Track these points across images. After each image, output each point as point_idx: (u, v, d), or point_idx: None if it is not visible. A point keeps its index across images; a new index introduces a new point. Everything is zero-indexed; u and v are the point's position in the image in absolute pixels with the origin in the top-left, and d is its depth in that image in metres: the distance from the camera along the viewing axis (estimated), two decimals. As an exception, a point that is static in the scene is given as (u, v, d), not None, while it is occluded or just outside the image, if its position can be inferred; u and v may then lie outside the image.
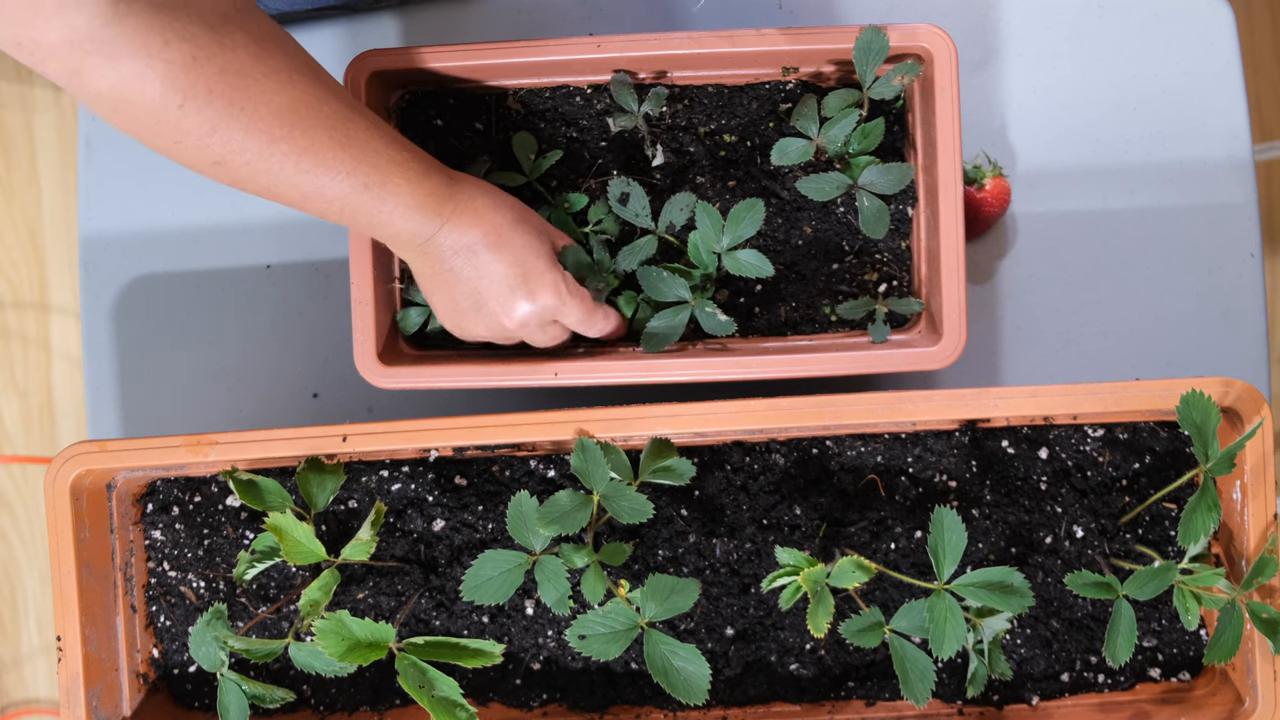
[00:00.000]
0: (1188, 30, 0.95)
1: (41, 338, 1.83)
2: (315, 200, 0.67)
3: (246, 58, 0.61)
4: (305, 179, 0.65)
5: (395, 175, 0.69)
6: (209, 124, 0.60)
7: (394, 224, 0.71)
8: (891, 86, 0.81)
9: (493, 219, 0.74)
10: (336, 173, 0.66)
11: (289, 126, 0.63)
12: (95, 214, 0.98)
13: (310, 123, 0.64)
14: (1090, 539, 0.80)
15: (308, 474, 0.78)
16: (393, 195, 0.69)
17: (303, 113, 0.64)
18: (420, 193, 0.70)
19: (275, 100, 0.62)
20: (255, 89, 0.61)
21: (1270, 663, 0.76)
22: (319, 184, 0.66)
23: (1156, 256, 0.94)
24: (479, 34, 0.97)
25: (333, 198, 0.67)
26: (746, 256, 0.81)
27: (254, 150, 0.63)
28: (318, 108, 0.65)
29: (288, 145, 0.63)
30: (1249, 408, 0.75)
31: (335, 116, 0.66)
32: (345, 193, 0.67)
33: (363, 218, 0.70)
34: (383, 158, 0.68)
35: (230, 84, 0.60)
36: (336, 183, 0.67)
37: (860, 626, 0.73)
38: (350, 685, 0.83)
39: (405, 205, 0.70)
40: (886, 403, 0.77)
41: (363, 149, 0.67)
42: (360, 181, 0.67)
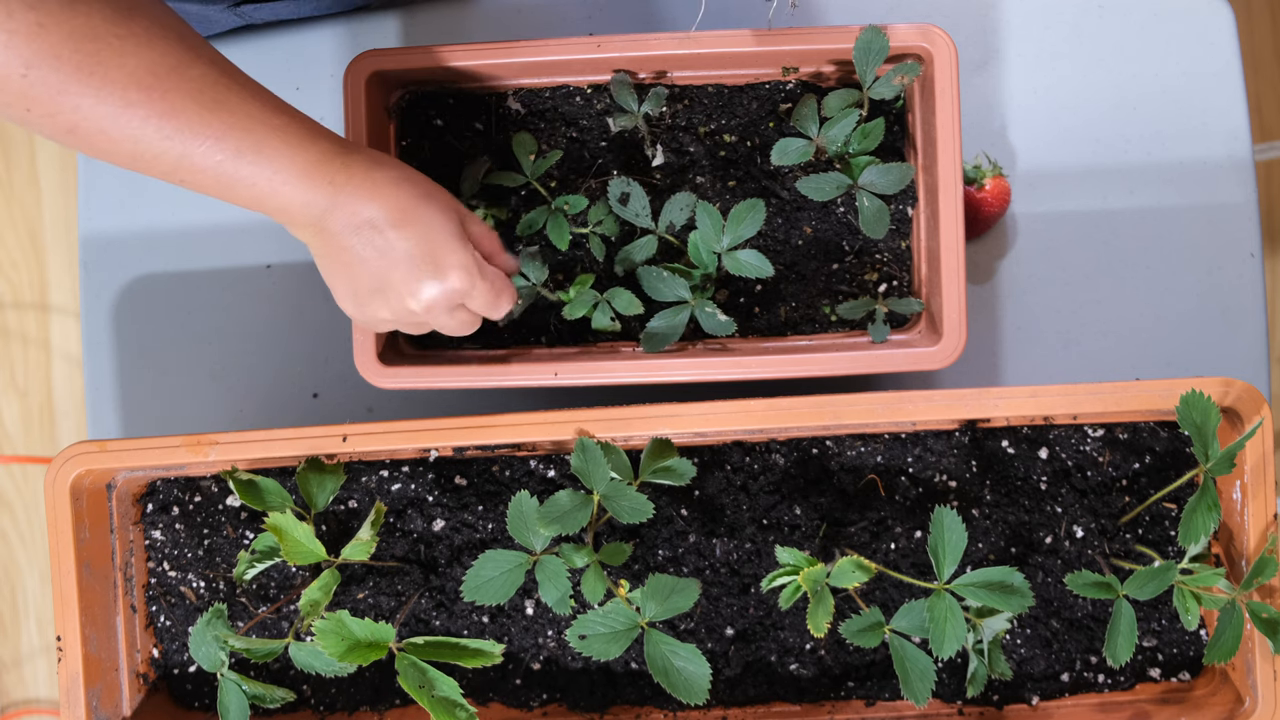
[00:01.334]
0: (1188, 30, 0.95)
1: (41, 338, 1.83)
2: (186, 170, 0.63)
3: (101, 22, 0.58)
4: (169, 145, 0.62)
5: (273, 140, 0.65)
6: (55, 89, 0.58)
7: (278, 195, 0.66)
8: (891, 86, 0.81)
9: (394, 193, 0.68)
10: (205, 139, 0.62)
11: (146, 89, 0.60)
12: (95, 214, 0.98)
13: (172, 85, 0.61)
14: (1090, 539, 0.80)
15: (308, 474, 0.78)
16: (270, 163, 0.65)
17: (163, 75, 0.60)
18: (303, 160, 0.66)
19: (130, 62, 0.59)
20: (108, 52, 0.58)
21: (1270, 663, 0.76)
22: (186, 150, 0.62)
23: (1156, 256, 0.94)
24: (479, 34, 0.97)
25: (204, 166, 0.63)
26: (746, 256, 0.81)
27: (107, 115, 0.60)
28: (182, 70, 0.61)
29: (146, 109, 0.60)
30: (1249, 408, 0.75)
31: (203, 80, 0.62)
32: (217, 160, 0.63)
33: (242, 191, 0.65)
34: (257, 122, 0.64)
35: (79, 48, 0.58)
36: (206, 150, 0.63)
37: (860, 626, 0.73)
38: (350, 685, 0.83)
39: (286, 174, 0.65)
40: (886, 403, 0.77)
41: (234, 113, 0.63)
42: (232, 147, 0.63)
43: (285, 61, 0.97)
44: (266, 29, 0.98)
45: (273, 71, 0.97)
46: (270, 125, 0.65)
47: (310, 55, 0.97)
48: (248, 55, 0.97)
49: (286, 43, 0.98)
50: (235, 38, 0.97)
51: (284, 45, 0.97)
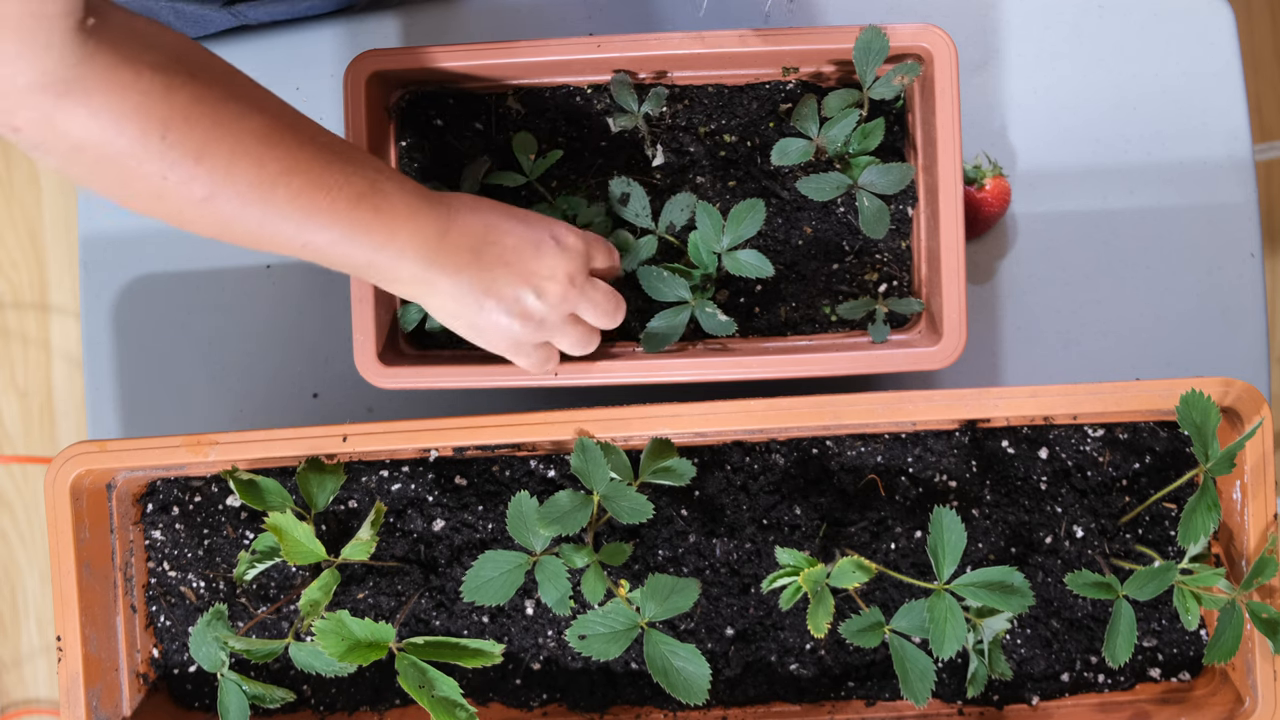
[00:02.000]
0: (1188, 30, 0.95)
1: (41, 338, 1.83)
2: (308, 251, 0.65)
3: (216, 85, 0.59)
4: (299, 203, 0.63)
5: (349, 246, 0.66)
6: (194, 152, 0.58)
7: (371, 279, 0.70)
8: (891, 86, 0.81)
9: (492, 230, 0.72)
10: (284, 236, 0.64)
11: (272, 146, 0.61)
12: (95, 214, 0.98)
13: (292, 142, 0.62)
14: (1090, 539, 0.80)
15: (308, 474, 0.78)
16: (351, 261, 0.67)
17: (281, 134, 0.62)
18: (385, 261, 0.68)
19: (251, 124, 0.60)
20: (227, 114, 0.59)
21: (1270, 663, 0.76)
22: (271, 244, 0.64)
23: (1156, 256, 0.94)
24: (479, 34, 0.97)
25: (291, 252, 0.65)
26: (746, 256, 0.81)
27: (242, 177, 0.60)
28: (292, 129, 0.63)
29: (277, 165, 0.61)
30: (1249, 408, 0.75)
31: (314, 139, 0.64)
32: (296, 251, 0.65)
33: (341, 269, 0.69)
34: (372, 169, 0.66)
35: (204, 111, 0.58)
36: (286, 245, 0.64)
37: (860, 626, 0.73)
38: (350, 685, 0.83)
39: (372, 270, 0.69)
40: (886, 403, 0.77)
41: (351, 161, 0.65)
42: (355, 192, 0.65)
43: (285, 61, 0.97)
44: (266, 29, 0.98)
45: (273, 71, 0.97)
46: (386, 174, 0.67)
47: (310, 55, 0.97)
48: (248, 55, 0.97)
49: (286, 43, 0.97)
50: (235, 38, 0.97)
51: (284, 45, 0.97)
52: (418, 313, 0.85)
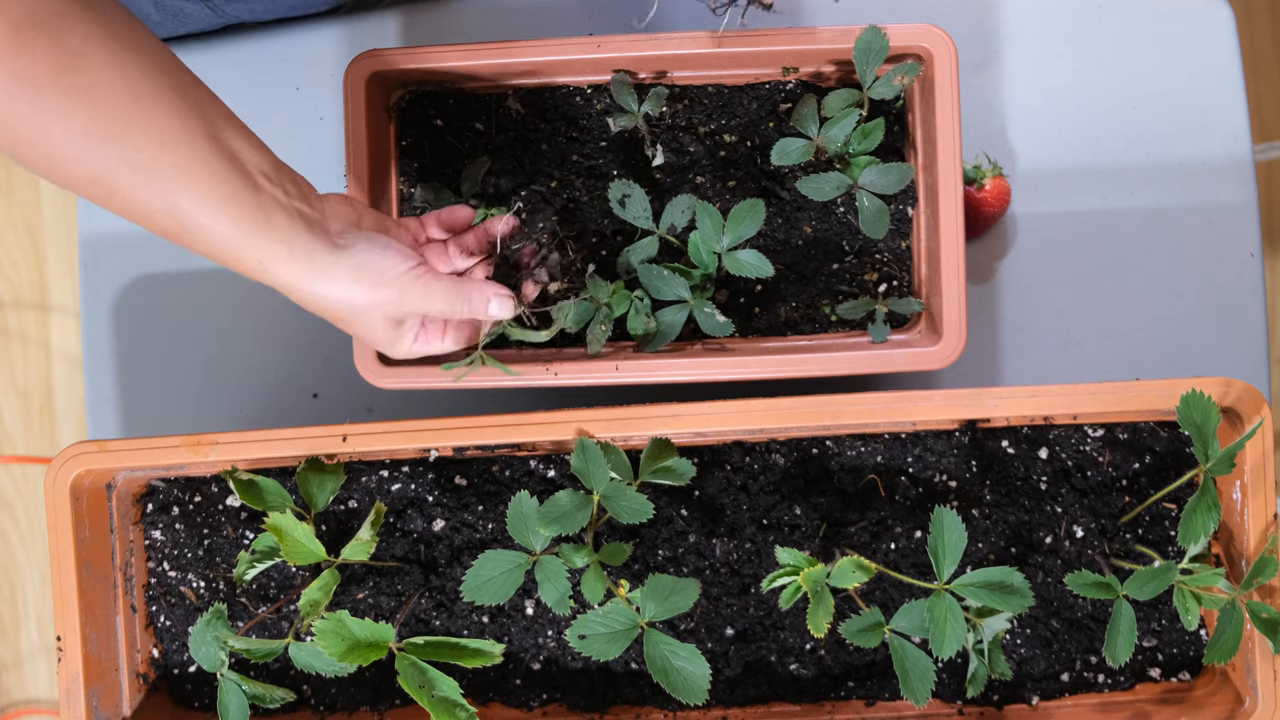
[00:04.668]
0: (1188, 30, 0.95)
1: (41, 338, 1.83)
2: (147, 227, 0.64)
3: (44, 69, 0.56)
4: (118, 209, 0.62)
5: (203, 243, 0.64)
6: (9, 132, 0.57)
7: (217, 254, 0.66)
8: (891, 86, 0.81)
9: (311, 303, 0.68)
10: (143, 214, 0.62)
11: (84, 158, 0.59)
12: (95, 214, 0.98)
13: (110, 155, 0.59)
14: (1090, 539, 0.80)
15: (308, 474, 0.78)
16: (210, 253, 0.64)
17: (102, 137, 0.59)
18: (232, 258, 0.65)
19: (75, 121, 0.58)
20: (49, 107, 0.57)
21: (1270, 663, 0.76)
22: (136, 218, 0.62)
23: (1156, 256, 0.94)
24: (479, 34, 0.97)
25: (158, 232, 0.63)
26: (746, 256, 0.81)
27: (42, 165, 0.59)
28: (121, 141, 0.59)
29: (85, 174, 0.59)
30: (1249, 408, 0.75)
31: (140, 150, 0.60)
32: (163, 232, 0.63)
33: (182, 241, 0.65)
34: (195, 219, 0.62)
35: (15, 92, 0.56)
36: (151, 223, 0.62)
37: (860, 626, 0.73)
38: (350, 685, 0.83)
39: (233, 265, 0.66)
40: (886, 403, 0.77)
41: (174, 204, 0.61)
42: (166, 230, 0.63)
43: (285, 62, 0.97)
44: (266, 29, 0.98)
45: (273, 71, 0.97)
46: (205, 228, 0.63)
47: (310, 55, 0.97)
48: (247, 56, 0.97)
49: (286, 43, 0.98)
50: (234, 39, 0.97)
51: (283, 45, 0.97)
52: (418, 313, 0.85)
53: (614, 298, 0.82)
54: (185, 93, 0.62)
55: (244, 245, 0.64)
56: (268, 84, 0.97)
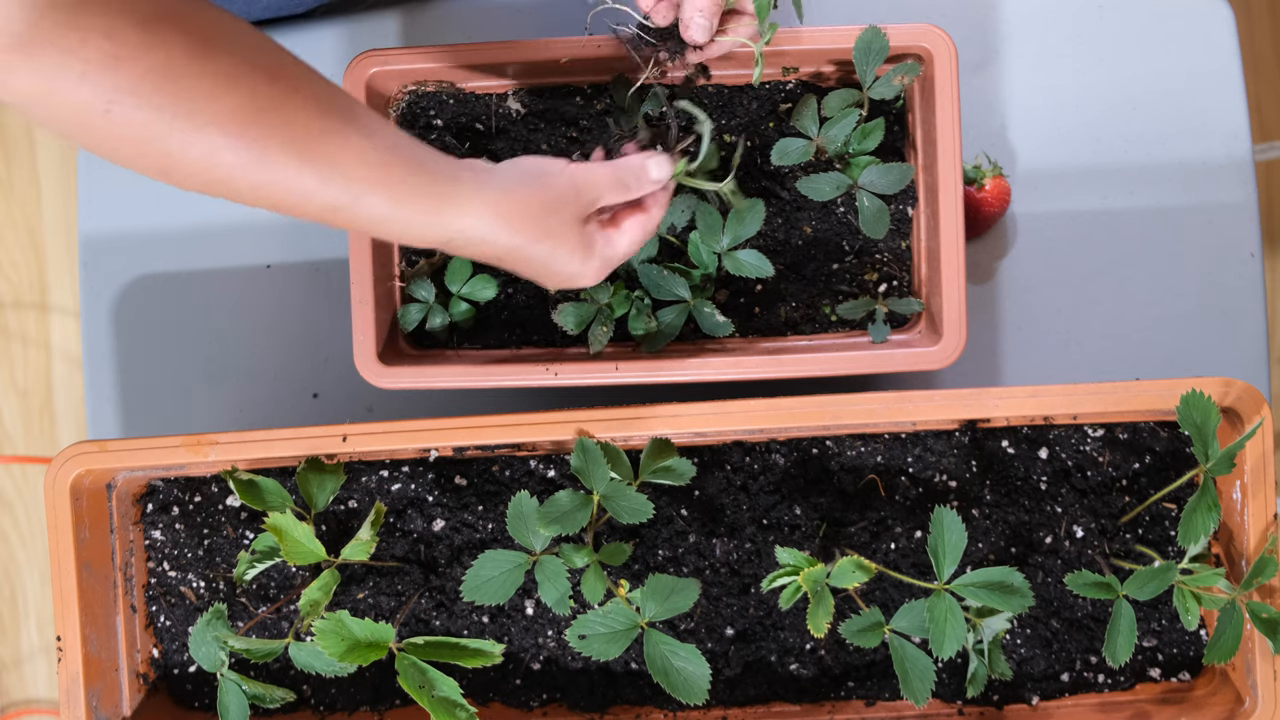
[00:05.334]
0: (1188, 30, 0.95)
1: (41, 338, 1.83)
2: (290, 212, 0.61)
3: (181, 58, 0.54)
4: (264, 194, 0.59)
5: (371, 193, 0.62)
6: (139, 131, 0.55)
7: (389, 234, 0.65)
8: (891, 86, 0.81)
9: (504, 234, 0.66)
10: (299, 190, 0.59)
11: (234, 136, 0.56)
12: (95, 214, 0.98)
13: (261, 131, 0.57)
14: (1090, 539, 0.80)
15: (308, 474, 0.78)
16: (373, 217, 0.62)
17: (250, 120, 0.57)
18: (406, 212, 0.63)
19: (214, 106, 0.56)
20: (190, 93, 0.55)
21: (1270, 663, 0.76)
22: (283, 199, 0.59)
23: (1156, 256, 0.94)
24: (479, 34, 0.97)
25: (308, 214, 0.61)
26: (746, 256, 0.81)
27: (198, 160, 0.56)
28: (272, 113, 0.58)
29: (234, 157, 0.57)
30: (1249, 408, 0.75)
31: (294, 123, 0.59)
32: (318, 211, 0.61)
33: (354, 228, 0.64)
34: (356, 171, 0.61)
35: (158, 87, 0.54)
36: (305, 199, 0.60)
37: (860, 626, 0.73)
38: (350, 685, 0.83)
39: (393, 223, 0.63)
40: (886, 403, 0.77)
41: (331, 163, 0.60)
42: (329, 200, 0.60)
43: (285, 61, 0.97)
44: (266, 29, 0.98)
45: (273, 71, 0.97)
46: (369, 178, 0.61)
47: (310, 55, 0.96)
48: (248, 55, 0.97)
49: (286, 43, 0.97)
50: (235, 38, 0.97)
51: (284, 45, 0.97)
52: (418, 312, 0.85)
53: (614, 298, 0.82)
54: (316, 75, 0.62)
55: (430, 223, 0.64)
56: (268, 84, 0.97)
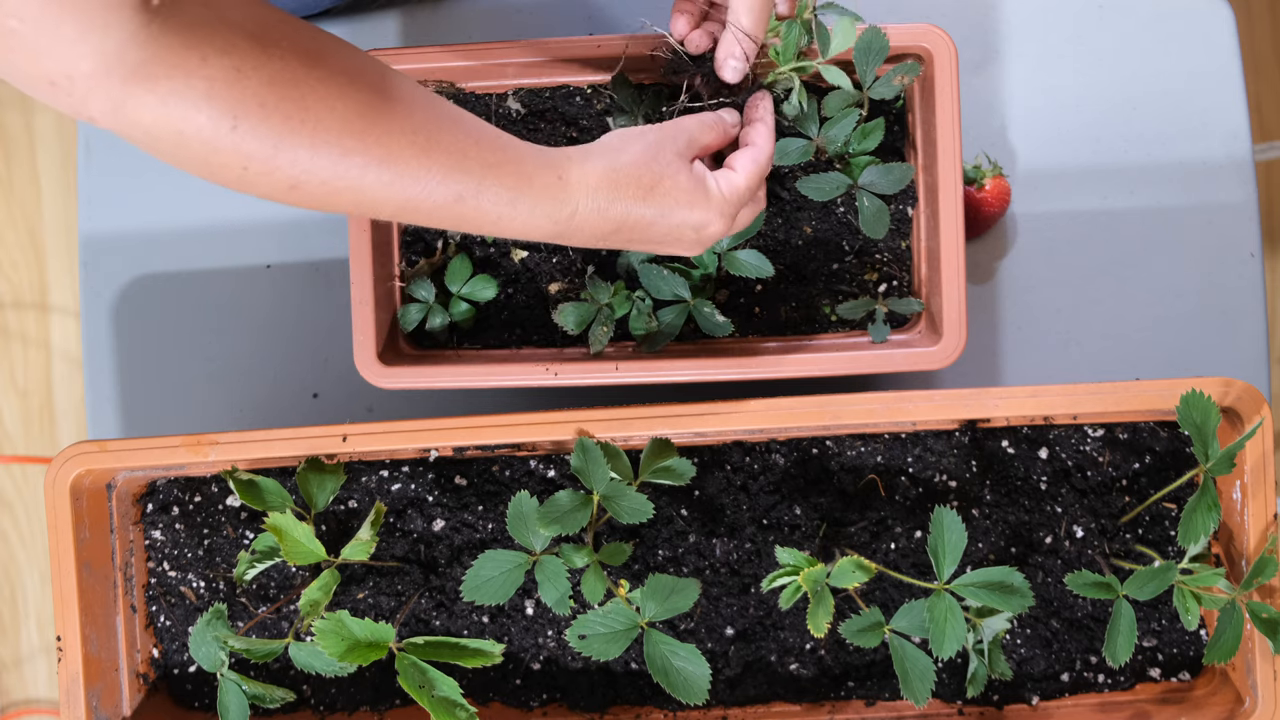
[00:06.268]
0: (1188, 30, 0.95)
1: (41, 338, 1.83)
2: (413, 214, 0.61)
3: (297, 65, 0.55)
4: (391, 192, 0.59)
5: (491, 180, 0.62)
6: (270, 143, 0.54)
7: (510, 225, 0.64)
8: (891, 86, 0.81)
9: (622, 202, 0.66)
10: (426, 182, 0.60)
11: (360, 135, 0.57)
12: (95, 214, 0.98)
13: (384, 128, 0.58)
14: (1090, 539, 0.80)
15: (308, 474, 0.78)
16: (494, 203, 0.63)
17: (373, 118, 0.57)
18: (525, 195, 0.63)
19: (339, 107, 0.56)
20: (313, 97, 0.55)
21: (1270, 663, 0.76)
22: (410, 196, 0.60)
23: (1156, 256, 0.94)
24: (479, 34, 0.97)
25: (430, 209, 0.61)
26: (746, 256, 0.81)
27: (326, 167, 0.56)
28: (389, 111, 0.58)
29: (364, 157, 0.57)
30: (1249, 408, 0.75)
31: (411, 120, 0.59)
32: (439, 203, 0.61)
33: (472, 223, 0.64)
34: (474, 161, 0.61)
35: (283, 95, 0.54)
36: (429, 193, 0.60)
37: (860, 626, 0.73)
38: (350, 685, 0.83)
39: (512, 210, 0.63)
40: (886, 403, 0.77)
41: (450, 153, 0.60)
42: (454, 191, 0.61)
43: (285, 61, 0.97)
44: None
45: (273, 71, 0.97)
46: (486, 163, 0.62)
47: (310, 55, 0.97)
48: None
49: (286, 43, 0.97)
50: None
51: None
52: (418, 312, 0.85)
53: (615, 298, 0.82)
54: (404, 76, 0.62)
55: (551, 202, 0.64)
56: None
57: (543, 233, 0.66)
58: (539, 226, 0.65)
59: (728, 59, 0.74)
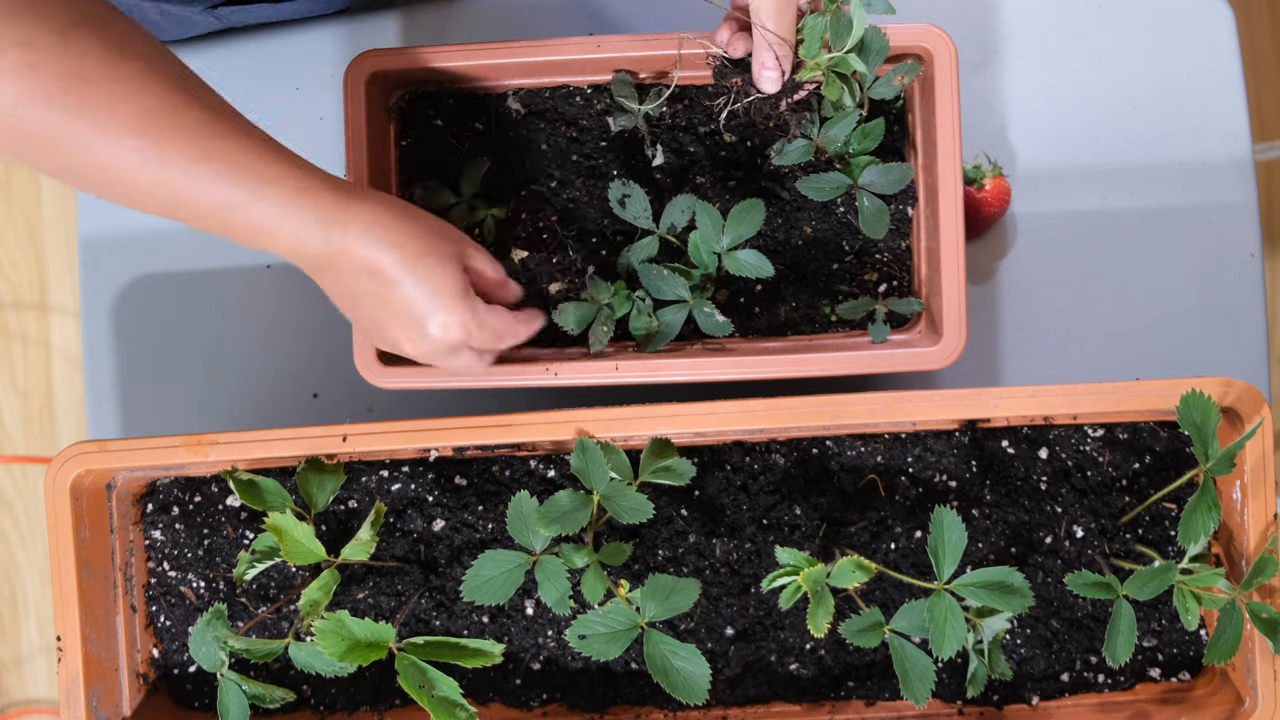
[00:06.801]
0: (1188, 30, 0.95)
1: (41, 338, 1.83)
2: (182, 211, 0.63)
3: (93, 63, 0.58)
4: (163, 191, 0.62)
5: (270, 192, 0.64)
6: (50, 129, 0.58)
7: (278, 242, 0.66)
8: (891, 86, 0.81)
9: (394, 246, 0.68)
10: (200, 183, 0.62)
11: (139, 134, 0.60)
12: (95, 214, 0.98)
13: (165, 132, 0.60)
14: (1090, 539, 0.80)
15: (308, 474, 0.78)
16: (268, 215, 0.64)
17: (155, 120, 0.60)
18: (303, 212, 0.65)
19: (122, 108, 0.59)
20: (100, 95, 0.58)
21: (1270, 663, 0.76)
22: (181, 198, 0.62)
23: (1156, 256, 0.94)
24: (479, 34, 0.97)
25: (201, 210, 0.63)
26: (746, 256, 0.81)
27: (104, 158, 0.60)
28: (176, 115, 0.61)
29: (139, 156, 0.60)
30: (1249, 408, 0.75)
31: (197, 125, 0.61)
32: (213, 206, 0.63)
33: (241, 232, 0.65)
34: (255, 172, 0.63)
35: (69, 89, 0.57)
36: (202, 195, 0.62)
37: (860, 626, 0.73)
38: (350, 685, 0.83)
39: (285, 223, 0.65)
40: (886, 403, 0.77)
41: (227, 163, 0.62)
42: (226, 197, 0.63)
43: (285, 61, 0.97)
44: (267, 29, 0.98)
45: (273, 71, 0.97)
46: (265, 177, 0.64)
47: (310, 55, 0.97)
48: (247, 56, 0.97)
49: (286, 43, 0.98)
50: (234, 39, 0.97)
51: (284, 45, 0.97)
52: (418, 313, 0.85)
53: (615, 298, 0.82)
54: (213, 90, 0.65)
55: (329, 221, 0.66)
56: (268, 84, 0.97)
57: (309, 251, 0.67)
58: (307, 245, 0.66)
59: (762, 70, 0.75)
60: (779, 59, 0.74)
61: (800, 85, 0.77)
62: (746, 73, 0.77)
